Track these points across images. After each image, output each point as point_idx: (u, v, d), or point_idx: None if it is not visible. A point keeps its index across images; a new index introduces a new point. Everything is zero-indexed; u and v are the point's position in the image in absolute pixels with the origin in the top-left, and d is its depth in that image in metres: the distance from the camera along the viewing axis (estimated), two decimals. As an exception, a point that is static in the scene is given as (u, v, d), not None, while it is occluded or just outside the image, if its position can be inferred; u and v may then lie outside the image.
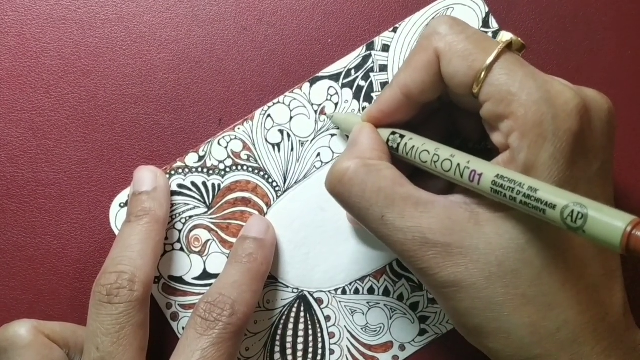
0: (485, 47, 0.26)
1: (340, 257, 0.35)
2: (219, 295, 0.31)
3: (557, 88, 0.25)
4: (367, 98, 0.35)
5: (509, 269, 0.25)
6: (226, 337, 0.30)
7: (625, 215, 0.21)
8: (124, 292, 0.30)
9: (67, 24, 0.36)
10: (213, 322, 0.30)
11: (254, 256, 0.32)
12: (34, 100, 0.35)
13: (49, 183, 0.35)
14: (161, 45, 0.36)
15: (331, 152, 0.35)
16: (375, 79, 0.35)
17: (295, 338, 0.35)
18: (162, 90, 0.35)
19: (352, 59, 0.35)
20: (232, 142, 0.35)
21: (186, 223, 0.35)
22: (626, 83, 0.36)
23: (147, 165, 0.34)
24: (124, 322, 0.29)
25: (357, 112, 0.35)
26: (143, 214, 0.32)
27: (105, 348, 0.29)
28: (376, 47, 0.35)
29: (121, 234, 0.32)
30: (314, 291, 0.35)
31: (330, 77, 0.35)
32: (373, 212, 0.27)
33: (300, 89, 0.35)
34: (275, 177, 0.35)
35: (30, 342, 0.31)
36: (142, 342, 0.30)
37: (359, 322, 0.35)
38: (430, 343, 0.35)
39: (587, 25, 0.36)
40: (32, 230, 0.35)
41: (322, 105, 0.35)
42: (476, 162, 0.26)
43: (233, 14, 0.36)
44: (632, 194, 0.36)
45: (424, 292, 0.35)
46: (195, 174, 0.35)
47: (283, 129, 0.35)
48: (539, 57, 0.36)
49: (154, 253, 0.32)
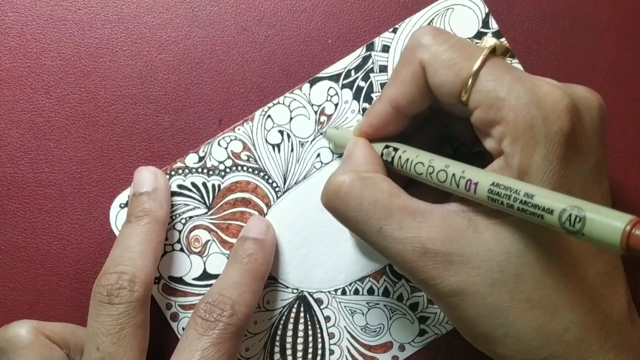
0: (469, 54, 0.26)
1: (340, 257, 0.35)
2: (219, 296, 0.31)
3: (545, 89, 0.25)
4: (367, 99, 0.35)
5: (512, 274, 0.25)
6: (226, 337, 0.30)
7: (624, 215, 0.21)
8: (124, 293, 0.30)
9: (68, 25, 0.36)
10: (213, 322, 0.30)
11: (254, 257, 0.33)
12: (34, 101, 0.35)
13: (49, 183, 0.35)
14: (161, 46, 0.36)
15: (331, 153, 0.35)
16: (376, 80, 0.35)
17: (295, 338, 0.35)
18: (162, 91, 0.36)
19: (352, 60, 0.35)
20: (232, 142, 0.35)
21: (186, 223, 0.35)
22: (626, 83, 0.36)
23: (147, 166, 0.34)
24: (124, 323, 0.30)
25: (350, 127, 0.34)
26: (143, 215, 0.32)
27: (105, 348, 0.29)
28: (376, 48, 0.35)
29: (121, 235, 0.32)
30: (313, 291, 0.35)
31: (330, 77, 0.35)
32: (371, 225, 0.27)
33: (300, 89, 0.35)
34: (275, 178, 0.35)
35: (30, 342, 0.31)
36: (143, 342, 0.30)
37: (358, 323, 0.35)
38: (430, 343, 0.35)
39: (587, 26, 0.36)
40: (32, 231, 0.35)
41: (322, 105, 0.35)
42: (471, 170, 0.26)
43: (233, 15, 0.36)
44: (633, 193, 0.36)
45: (423, 293, 0.35)
46: (195, 175, 0.35)
47: (283, 129, 0.35)
48: (539, 57, 0.36)
49: (154, 253, 0.32)
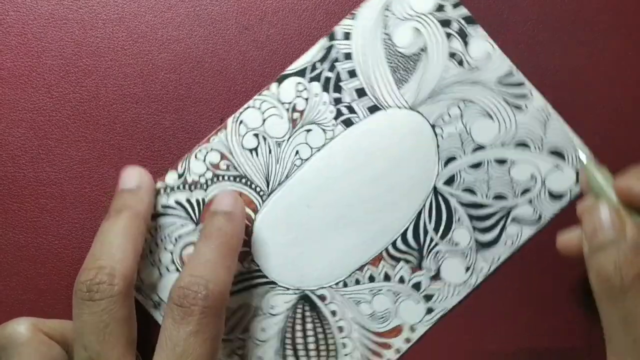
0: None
1: (334, 251, 0.35)
2: (191, 277, 0.30)
3: None
4: (336, 89, 0.35)
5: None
6: (205, 321, 0.29)
7: None
8: (104, 287, 0.29)
9: (69, 24, 0.36)
10: (189, 308, 0.29)
11: (224, 230, 0.32)
12: (35, 100, 0.35)
13: (50, 182, 0.35)
14: (162, 45, 0.36)
15: (309, 148, 0.35)
16: (342, 68, 0.35)
17: (305, 338, 0.35)
18: (164, 90, 0.35)
19: (316, 52, 0.35)
20: (209, 154, 0.35)
21: (177, 243, 0.35)
22: (627, 83, 0.36)
23: (133, 166, 0.34)
24: (107, 319, 0.29)
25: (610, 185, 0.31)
26: (123, 209, 0.32)
27: (92, 347, 0.29)
28: (337, 37, 0.35)
29: (100, 230, 0.32)
30: (315, 289, 0.35)
31: (296, 73, 0.35)
32: None
33: (269, 89, 0.35)
34: (258, 182, 0.35)
35: (28, 339, 0.30)
36: (130, 335, 0.30)
37: (365, 312, 0.35)
38: (439, 320, 0.35)
39: (587, 26, 0.36)
40: (33, 230, 0.35)
41: (292, 102, 0.35)
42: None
43: (234, 14, 0.36)
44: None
45: (424, 271, 0.35)
46: (177, 192, 0.35)
47: (257, 132, 0.35)
48: (539, 57, 0.36)
49: (134, 246, 0.31)
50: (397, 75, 0.35)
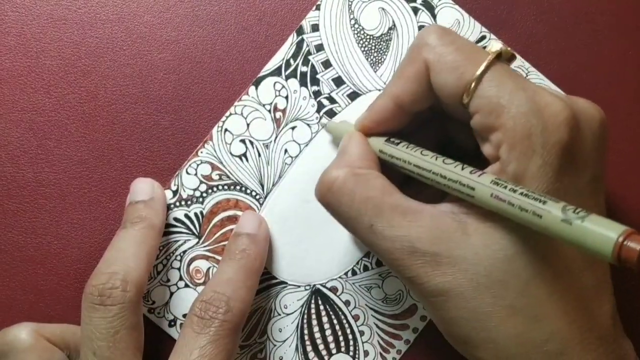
0: (474, 59, 0.26)
1: (339, 241, 0.35)
2: (213, 293, 0.31)
3: (546, 99, 0.25)
4: (314, 81, 0.35)
5: (497, 280, 0.25)
6: (223, 334, 0.30)
7: (618, 226, 0.21)
8: (116, 293, 0.29)
9: (68, 24, 0.36)
10: (209, 320, 0.30)
11: (247, 252, 0.32)
12: (34, 101, 0.35)
13: (49, 183, 0.35)
14: (161, 45, 0.36)
15: (297, 145, 0.35)
16: (316, 60, 0.35)
17: (322, 332, 0.35)
18: (163, 90, 0.35)
19: (287, 49, 0.35)
20: (199, 167, 0.35)
21: (183, 259, 0.35)
22: (627, 83, 0.36)
23: (144, 177, 0.34)
24: (118, 326, 0.29)
25: (351, 121, 0.34)
26: (139, 220, 0.32)
27: (102, 353, 0.29)
28: (306, 30, 0.35)
29: (115, 238, 0.32)
30: (325, 281, 0.35)
31: (271, 73, 0.35)
32: (362, 221, 0.27)
33: (247, 93, 0.35)
34: (253, 187, 0.35)
35: (30, 345, 0.30)
36: (138, 343, 0.30)
37: (377, 297, 0.35)
38: None
39: (587, 25, 0.36)
40: (32, 231, 0.35)
41: (273, 102, 0.35)
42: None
43: (233, 14, 0.36)
44: (633, 197, 0.36)
45: None
46: (175, 210, 0.35)
47: (244, 138, 0.35)
48: (539, 57, 0.36)
49: (148, 257, 0.32)
50: (371, 58, 0.35)
